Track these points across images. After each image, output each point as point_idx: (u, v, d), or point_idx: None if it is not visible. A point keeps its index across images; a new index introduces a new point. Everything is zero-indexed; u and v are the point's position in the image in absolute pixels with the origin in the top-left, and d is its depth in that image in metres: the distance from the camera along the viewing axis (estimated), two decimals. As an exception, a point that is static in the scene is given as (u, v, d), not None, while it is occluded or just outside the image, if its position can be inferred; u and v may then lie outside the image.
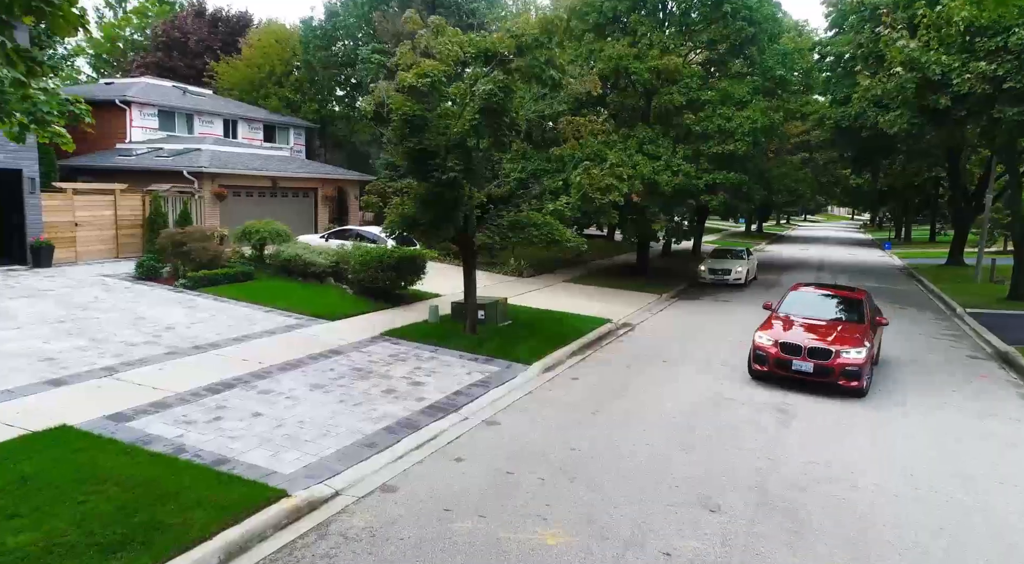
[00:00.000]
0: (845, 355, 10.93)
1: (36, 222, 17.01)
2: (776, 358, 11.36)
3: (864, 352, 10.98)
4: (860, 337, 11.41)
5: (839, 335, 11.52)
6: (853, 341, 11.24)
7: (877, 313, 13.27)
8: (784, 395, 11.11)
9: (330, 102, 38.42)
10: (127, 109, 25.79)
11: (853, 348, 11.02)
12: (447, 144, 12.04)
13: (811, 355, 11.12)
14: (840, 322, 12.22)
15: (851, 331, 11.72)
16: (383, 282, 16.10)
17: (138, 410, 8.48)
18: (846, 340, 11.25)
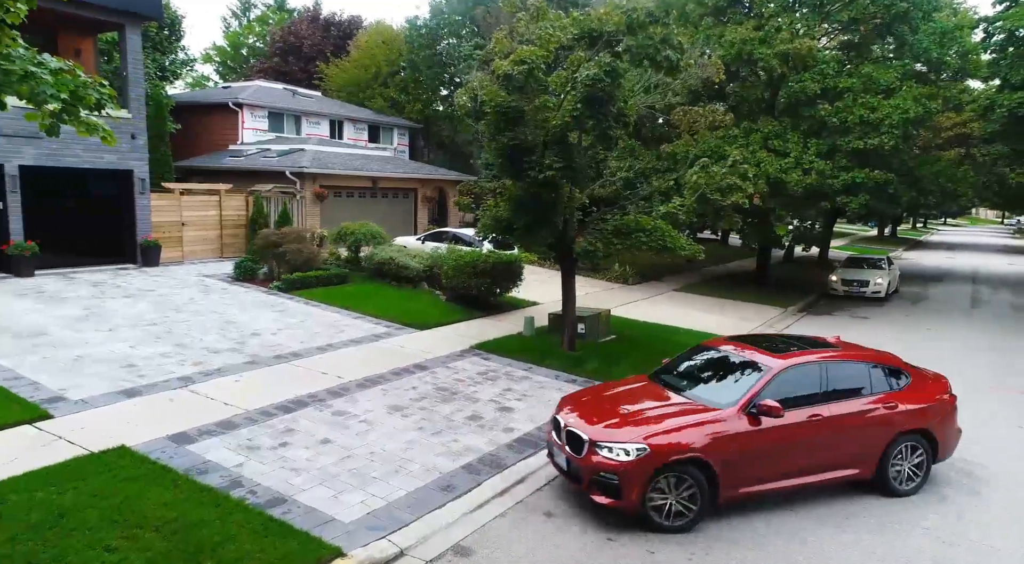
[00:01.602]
0: (603, 451, 6.45)
1: (145, 222, 17.38)
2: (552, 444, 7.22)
3: (632, 449, 6.27)
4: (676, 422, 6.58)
5: (650, 418, 6.76)
6: (646, 423, 6.60)
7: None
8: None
9: (434, 102, 38.22)
10: (239, 111, 26.48)
11: (622, 440, 6.38)
12: (545, 139, 10.75)
13: (568, 443, 6.83)
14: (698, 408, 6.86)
15: (687, 414, 6.75)
16: (476, 289, 15.08)
17: (203, 430, 7.80)
18: (644, 422, 6.66)
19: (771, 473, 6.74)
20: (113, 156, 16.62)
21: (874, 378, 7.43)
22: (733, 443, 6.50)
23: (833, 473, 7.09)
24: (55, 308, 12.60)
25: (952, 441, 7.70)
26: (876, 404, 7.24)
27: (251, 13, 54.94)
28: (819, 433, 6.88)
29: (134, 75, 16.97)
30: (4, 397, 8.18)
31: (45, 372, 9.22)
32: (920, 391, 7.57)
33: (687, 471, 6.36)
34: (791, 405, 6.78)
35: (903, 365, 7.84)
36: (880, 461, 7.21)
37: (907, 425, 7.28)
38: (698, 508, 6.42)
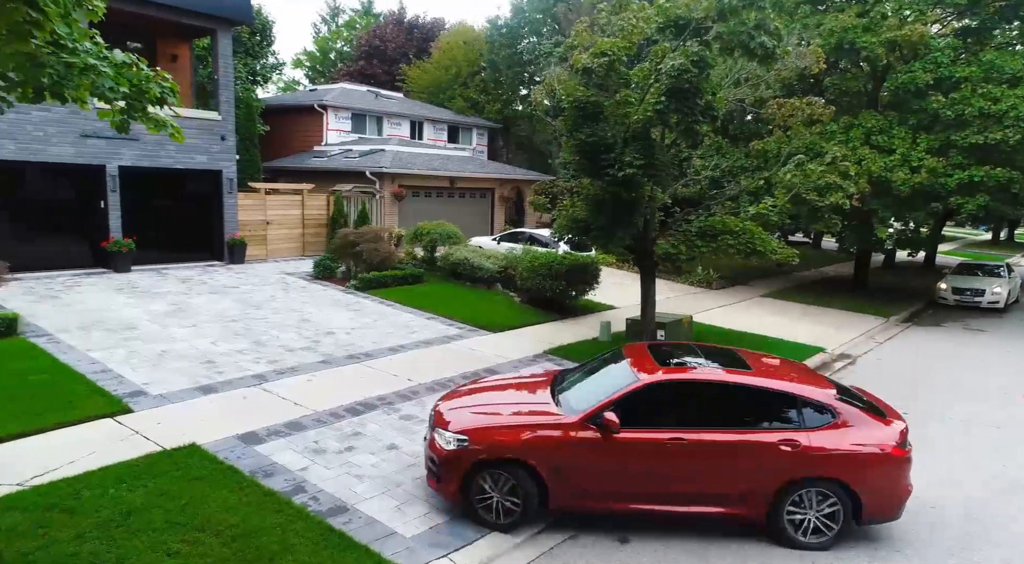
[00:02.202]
0: (437, 437, 6.34)
1: (232, 220, 17.97)
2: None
3: (453, 439, 6.17)
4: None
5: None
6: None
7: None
8: None
9: (513, 102, 38.08)
10: (324, 113, 27.15)
11: (450, 430, 6.27)
12: (625, 135, 10.20)
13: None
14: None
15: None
16: (551, 291, 14.64)
17: (272, 430, 7.75)
18: (485, 415, 6.57)
19: (626, 492, 6.17)
20: (204, 157, 17.25)
21: (777, 410, 6.25)
22: (569, 452, 6.07)
23: (708, 507, 6.17)
24: (146, 303, 13.11)
25: (889, 500, 6.15)
26: (769, 439, 6.05)
27: (339, 18, 56.74)
28: (681, 459, 6.05)
29: (224, 79, 17.56)
30: (91, 390, 8.43)
31: (130, 366, 9.49)
32: (843, 435, 6.07)
33: (512, 471, 6.05)
34: (656, 424, 6.14)
35: (832, 401, 6.25)
36: (773, 505, 6.11)
37: (812, 471, 6.02)
38: (522, 509, 6.09)
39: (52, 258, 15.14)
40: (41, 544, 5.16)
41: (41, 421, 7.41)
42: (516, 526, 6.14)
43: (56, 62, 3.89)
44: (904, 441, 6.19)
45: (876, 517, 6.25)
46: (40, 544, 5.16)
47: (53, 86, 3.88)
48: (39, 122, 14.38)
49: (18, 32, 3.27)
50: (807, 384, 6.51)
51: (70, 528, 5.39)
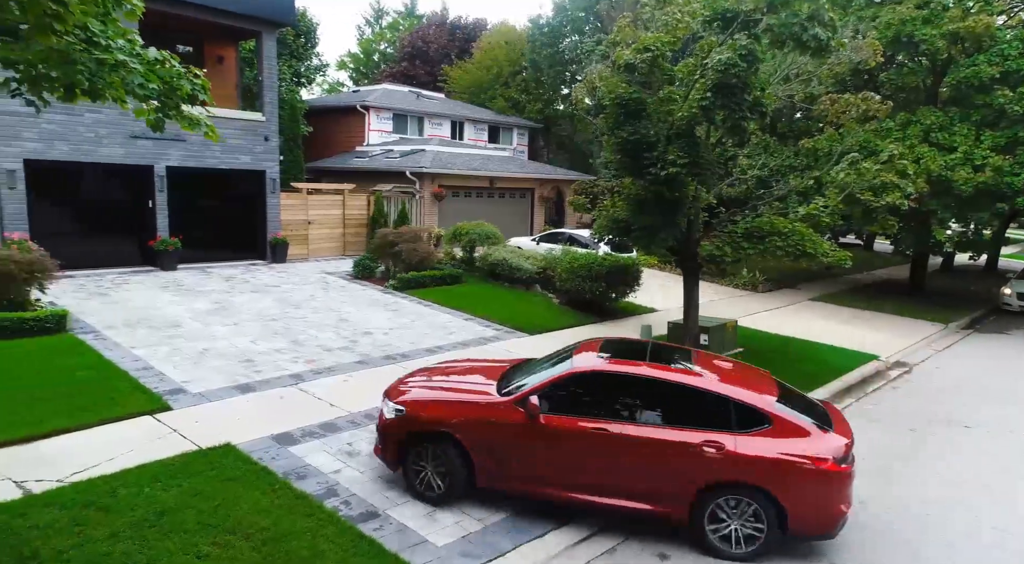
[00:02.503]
0: (384, 407, 6.73)
1: (275, 220, 18.20)
2: None
3: (392, 409, 6.59)
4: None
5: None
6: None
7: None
8: None
9: (554, 101, 37.82)
10: (366, 113, 27.38)
11: (392, 401, 6.69)
12: (668, 133, 9.87)
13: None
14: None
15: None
16: (590, 293, 14.36)
17: (307, 431, 7.71)
18: (429, 390, 6.96)
19: (552, 478, 6.14)
20: (248, 157, 17.52)
21: (707, 411, 5.99)
22: (496, 432, 6.18)
23: (632, 502, 6.02)
24: (190, 301, 13.33)
25: (819, 516, 5.74)
26: (693, 439, 5.81)
27: (383, 21, 57.34)
28: (604, 450, 5.98)
29: (268, 80, 17.80)
30: (133, 387, 8.53)
31: (172, 364, 9.61)
32: (773, 443, 5.73)
33: (442, 445, 6.25)
34: (584, 413, 6.12)
35: (768, 408, 5.92)
36: (693, 508, 5.88)
37: (734, 476, 5.74)
38: (447, 485, 6.25)
39: (102, 256, 15.55)
40: (76, 542, 5.17)
41: (84, 417, 7.52)
42: (446, 500, 6.26)
43: (88, 59, 3.85)
44: (844, 457, 5.74)
45: (805, 532, 5.88)
46: (75, 542, 5.17)
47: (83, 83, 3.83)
48: (91, 124, 14.79)
49: (40, 25, 3.23)
50: (744, 388, 6.18)
51: (105, 527, 5.40)
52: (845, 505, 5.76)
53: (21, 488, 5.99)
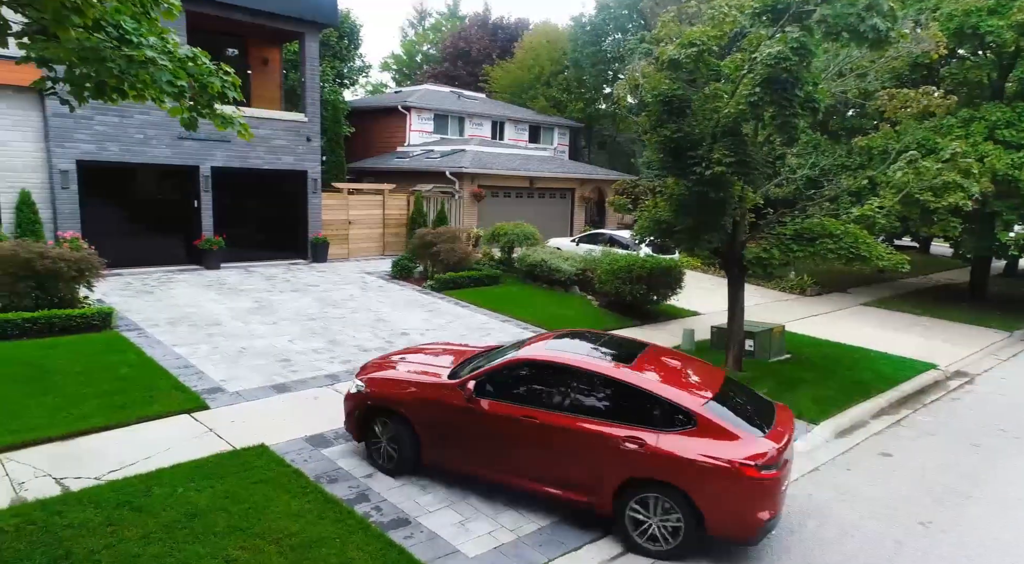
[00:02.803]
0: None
1: (316, 220, 18.37)
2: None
3: (355, 385, 7.16)
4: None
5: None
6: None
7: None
8: None
9: (596, 101, 37.42)
10: (407, 114, 27.50)
11: (359, 377, 7.25)
12: (714, 131, 9.50)
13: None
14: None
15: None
16: (631, 295, 14.02)
17: (340, 433, 7.63)
18: (392, 369, 7.33)
19: (489, 460, 6.39)
20: (290, 157, 17.71)
21: (634, 406, 5.93)
22: (440, 413, 6.51)
23: (562, 491, 6.10)
24: (232, 300, 13.50)
25: (736, 521, 5.54)
26: (617, 433, 5.79)
27: (426, 22, 57.72)
28: (533, 437, 6.12)
29: (311, 81, 17.97)
30: (172, 385, 8.61)
31: (211, 362, 9.69)
32: (695, 443, 5.58)
33: (395, 420, 6.69)
34: (518, 400, 6.31)
35: (695, 407, 5.74)
36: (614, 501, 5.87)
37: (653, 473, 5.67)
38: (398, 457, 6.69)
39: (150, 255, 15.92)
40: (108, 543, 5.17)
41: (125, 415, 7.61)
42: (399, 471, 6.73)
43: (118, 56, 3.80)
44: (768, 464, 5.47)
45: (724, 535, 5.70)
46: (107, 543, 5.17)
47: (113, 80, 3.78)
48: (140, 125, 15.14)
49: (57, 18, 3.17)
50: (679, 387, 6.09)
51: (137, 528, 5.40)
52: (767, 512, 5.52)
53: (60, 485, 6.06)
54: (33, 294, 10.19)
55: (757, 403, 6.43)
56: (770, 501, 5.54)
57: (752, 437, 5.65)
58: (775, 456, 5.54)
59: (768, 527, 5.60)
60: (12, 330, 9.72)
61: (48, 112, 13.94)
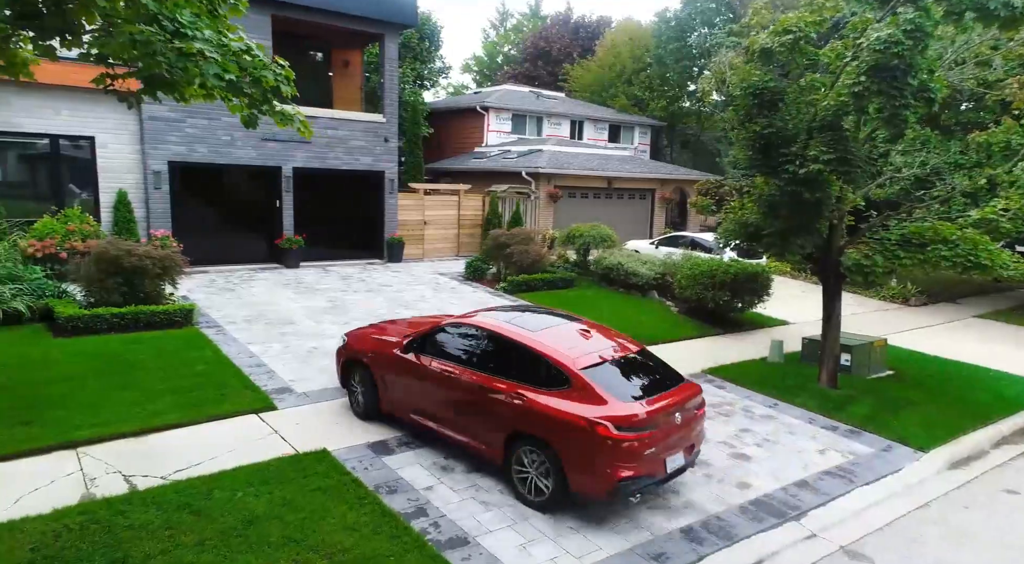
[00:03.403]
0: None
1: (392, 220, 18.49)
2: None
3: (340, 339, 8.95)
4: None
5: None
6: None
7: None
8: None
9: (680, 98, 36.16)
10: (485, 114, 27.41)
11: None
12: (810, 125, 8.68)
13: None
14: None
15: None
16: (713, 302, 13.22)
17: (403, 440, 7.41)
18: (379, 333, 8.51)
19: (428, 410, 7.15)
20: (368, 158, 17.89)
21: (525, 365, 6.46)
22: (391, 365, 7.51)
23: (472, 441, 6.75)
24: (307, 299, 13.67)
25: (590, 479, 5.87)
26: (505, 389, 6.38)
27: (508, 23, 57.82)
28: (451, 390, 6.87)
29: (389, 82, 18.09)
30: (243, 384, 8.67)
31: (282, 361, 9.74)
32: (566, 403, 6.00)
33: (363, 371, 7.84)
34: (444, 358, 7.09)
35: (572, 369, 6.15)
36: (504, 453, 6.44)
37: (528, 428, 6.18)
38: (365, 403, 7.83)
39: (235, 253, 16.44)
40: (164, 548, 5.10)
41: (196, 413, 7.67)
42: (366, 416, 7.81)
43: (168, 49, 3.64)
44: (625, 425, 5.80)
45: (582, 491, 6.02)
46: (163, 547, 5.10)
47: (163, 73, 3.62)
48: (226, 127, 15.63)
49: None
50: (565, 351, 6.41)
51: (194, 533, 5.31)
52: (627, 472, 5.80)
53: (128, 482, 6.10)
54: (121, 290, 10.58)
55: (661, 378, 6.65)
56: (630, 461, 5.80)
57: (622, 402, 5.97)
58: (639, 420, 5.85)
59: (626, 487, 5.84)
60: (101, 325, 10.12)
61: (143, 115, 14.60)
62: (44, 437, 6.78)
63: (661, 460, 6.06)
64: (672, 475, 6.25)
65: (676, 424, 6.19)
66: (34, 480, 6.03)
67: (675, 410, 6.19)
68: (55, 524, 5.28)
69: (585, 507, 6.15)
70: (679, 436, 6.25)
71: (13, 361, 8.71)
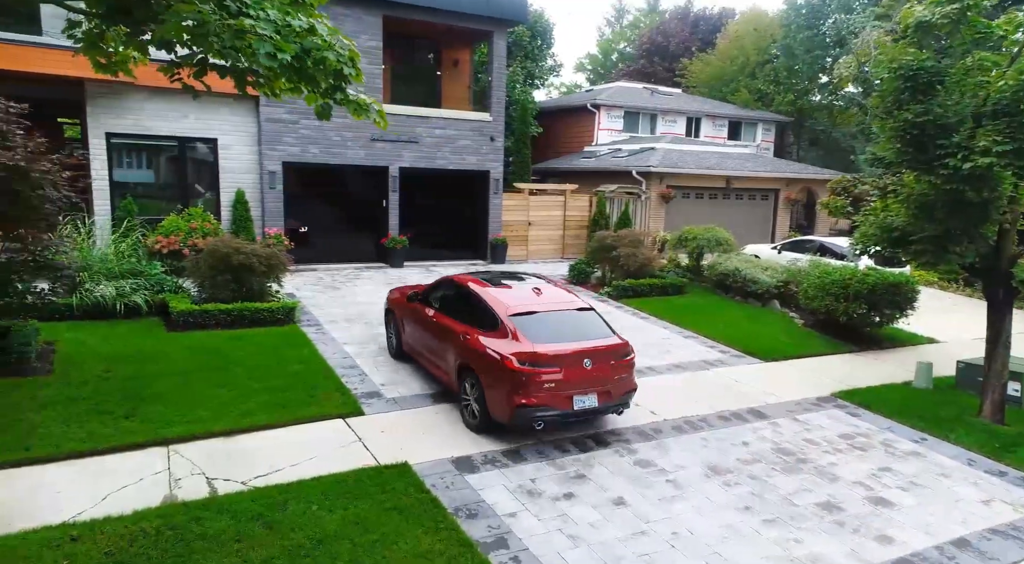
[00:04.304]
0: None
1: (496, 220, 18.16)
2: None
3: (385, 298, 11.18)
4: None
5: None
6: None
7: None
8: None
9: (810, 92, 33.39)
10: (596, 112, 26.57)
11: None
12: (978, 112, 7.28)
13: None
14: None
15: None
16: (845, 315, 11.75)
17: (488, 457, 6.91)
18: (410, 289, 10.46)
19: (421, 350, 8.81)
20: (474, 158, 17.67)
21: (478, 313, 7.67)
22: (404, 313, 9.28)
23: (443, 374, 8.16)
24: (408, 299, 13.56)
25: (498, 404, 6.99)
26: (459, 330, 7.70)
27: (624, 19, 56.44)
28: (436, 332, 8.27)
29: (497, 80, 17.76)
30: (335, 386, 8.52)
31: (376, 364, 9.54)
32: (492, 341, 7.20)
33: (392, 317, 9.75)
34: (436, 308, 8.52)
35: (502, 317, 7.33)
36: (458, 383, 7.70)
37: (468, 360, 7.44)
38: (396, 345, 9.61)
39: (343, 252, 16.74)
40: (231, 563, 4.86)
41: (285, 414, 7.57)
42: (397, 356, 9.64)
43: (223, 28, 3.29)
44: (529, 360, 6.83)
45: (495, 414, 7.06)
46: (231, 562, 4.86)
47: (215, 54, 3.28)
48: (338, 128, 15.92)
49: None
50: (505, 301, 7.56)
51: (263, 548, 5.05)
52: (524, 400, 6.80)
53: (210, 486, 5.99)
54: (230, 287, 10.85)
55: (588, 332, 7.47)
56: (529, 392, 6.80)
57: (534, 344, 6.98)
58: (541, 357, 6.87)
59: (525, 414, 6.83)
60: (210, 320, 10.41)
61: (261, 117, 15.14)
62: (141, 432, 6.87)
63: (566, 397, 6.97)
64: (583, 414, 7.14)
65: (586, 368, 7.05)
66: (124, 477, 6.05)
67: (585, 357, 7.08)
68: (133, 527, 5.20)
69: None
70: (589, 380, 7.06)
71: (129, 354, 9.07)
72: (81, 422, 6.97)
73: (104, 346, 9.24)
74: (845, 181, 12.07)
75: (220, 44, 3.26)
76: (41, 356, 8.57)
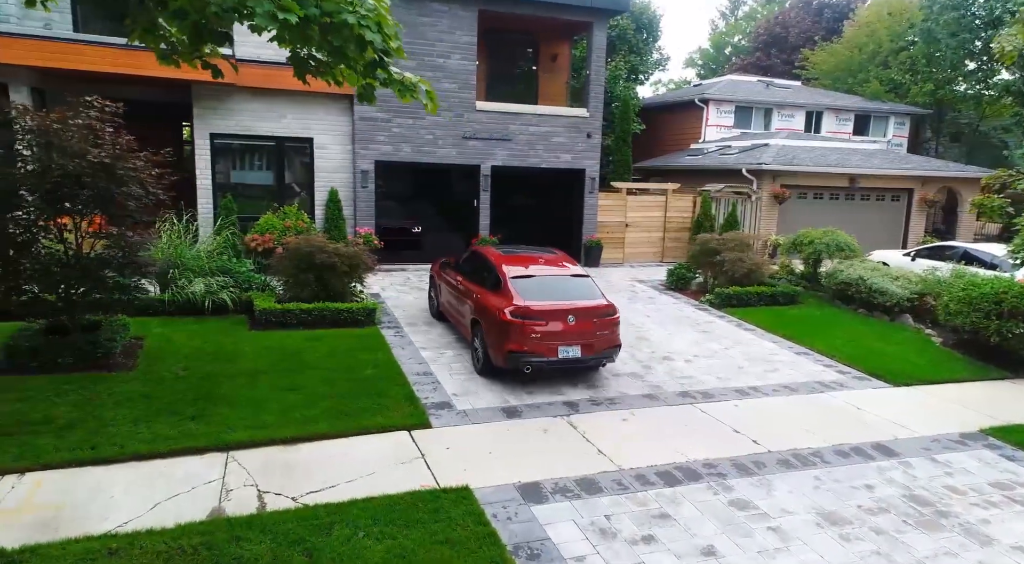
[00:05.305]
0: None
1: (591, 221, 17.31)
2: None
3: (430, 267, 12.79)
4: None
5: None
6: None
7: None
8: None
9: (953, 81, 29.80)
10: (704, 108, 25.01)
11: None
12: None
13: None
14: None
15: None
16: (997, 335, 9.97)
17: (559, 485, 6.16)
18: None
19: (450, 311, 10.49)
20: (568, 156, 16.91)
21: (488, 277, 9.16)
22: (440, 278, 11.01)
23: (461, 327, 9.84)
24: (493, 302, 13.03)
25: (495, 351, 8.39)
26: (475, 290, 9.25)
27: (739, 11, 53.52)
28: (460, 293, 9.81)
29: (595, 74, 16.91)
30: (404, 395, 8.07)
31: (450, 371, 9.05)
32: (495, 298, 8.65)
33: (432, 282, 11.65)
34: (462, 274, 10.04)
35: (505, 279, 8.74)
36: (471, 334, 9.21)
37: (477, 315, 8.90)
38: (435, 306, 11.40)
39: (433, 251, 16.45)
40: (260, 593, 4.43)
41: (348, 423, 7.19)
42: (438, 317, 11.29)
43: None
44: (518, 313, 8.20)
45: (493, 361, 8.49)
46: (259, 593, 4.43)
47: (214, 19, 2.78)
48: (429, 126, 15.68)
49: None
50: (510, 266, 9.05)
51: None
52: (515, 346, 8.14)
53: (260, 500, 5.65)
54: (312, 286, 10.74)
55: (578, 294, 8.75)
56: (519, 340, 8.11)
57: (527, 301, 8.34)
58: (530, 311, 8.20)
59: (516, 358, 8.15)
60: (291, 320, 10.33)
61: (355, 117, 15.15)
62: (204, 435, 6.69)
63: (552, 347, 8.15)
64: (566, 362, 8.26)
65: (569, 324, 8.24)
66: (178, 484, 5.83)
67: (570, 314, 8.29)
68: (172, 544, 4.90)
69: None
70: (573, 333, 8.24)
71: (209, 351, 9.09)
72: (149, 422, 6.90)
73: (188, 343, 9.31)
74: (1005, 175, 10.19)
75: (219, 8, 2.76)
76: (127, 351, 8.71)
